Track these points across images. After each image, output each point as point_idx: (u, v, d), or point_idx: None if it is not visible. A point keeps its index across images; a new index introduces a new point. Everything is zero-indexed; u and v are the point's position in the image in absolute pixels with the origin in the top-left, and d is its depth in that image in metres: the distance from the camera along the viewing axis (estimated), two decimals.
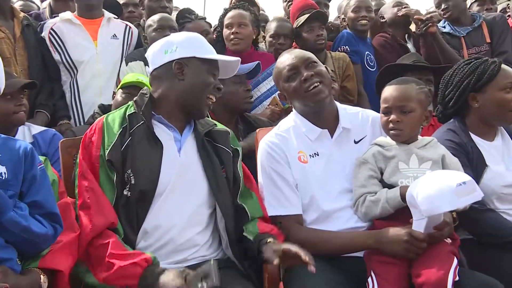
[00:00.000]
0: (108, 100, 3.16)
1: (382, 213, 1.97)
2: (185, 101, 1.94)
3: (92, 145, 1.86)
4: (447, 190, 1.77)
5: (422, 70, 2.94)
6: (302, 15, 3.53)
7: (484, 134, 2.34)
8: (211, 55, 1.99)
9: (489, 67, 2.32)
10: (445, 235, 1.90)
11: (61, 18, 3.37)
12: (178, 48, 1.94)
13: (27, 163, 1.70)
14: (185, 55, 1.94)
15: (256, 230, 1.95)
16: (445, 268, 1.80)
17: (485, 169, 2.24)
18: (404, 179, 1.98)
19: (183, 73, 1.92)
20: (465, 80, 2.35)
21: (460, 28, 3.70)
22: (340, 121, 2.16)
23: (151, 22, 3.41)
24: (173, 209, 1.88)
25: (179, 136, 1.96)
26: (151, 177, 1.84)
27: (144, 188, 1.82)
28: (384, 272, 1.88)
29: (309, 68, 2.15)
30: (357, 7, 3.78)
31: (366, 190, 2.01)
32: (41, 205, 1.69)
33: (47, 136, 2.67)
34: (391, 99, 2.07)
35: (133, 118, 1.92)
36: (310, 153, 2.14)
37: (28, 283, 1.62)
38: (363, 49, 3.73)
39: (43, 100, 3.22)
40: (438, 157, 2.03)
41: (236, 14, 3.43)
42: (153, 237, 1.86)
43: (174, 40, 1.99)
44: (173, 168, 1.88)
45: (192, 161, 1.94)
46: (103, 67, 3.34)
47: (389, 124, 2.06)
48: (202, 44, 2.02)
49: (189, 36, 2.06)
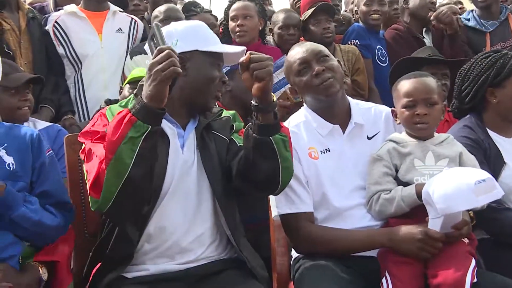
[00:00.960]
0: (113, 95, 3.13)
1: (397, 212, 1.92)
2: (189, 97, 1.83)
3: (98, 127, 1.74)
4: (465, 188, 1.72)
5: (438, 64, 2.88)
6: (311, 8, 3.47)
7: (502, 130, 2.28)
8: (214, 47, 1.86)
9: (508, 61, 2.25)
10: (463, 235, 1.86)
11: (66, 11, 3.33)
12: (178, 41, 1.79)
13: (34, 151, 1.68)
14: (187, 48, 1.79)
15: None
16: (463, 269, 1.75)
17: (503, 167, 2.18)
18: (420, 177, 1.93)
19: (186, 68, 1.77)
20: (484, 75, 2.28)
21: (487, 22, 3.62)
22: (352, 116, 2.11)
23: (157, 13, 3.37)
24: (176, 210, 1.80)
25: (182, 131, 1.87)
26: (159, 173, 1.76)
27: (154, 184, 1.74)
28: (399, 273, 1.83)
29: (320, 62, 2.08)
30: (370, 1, 3.70)
31: (380, 188, 1.96)
32: (50, 195, 1.68)
33: (52, 132, 2.64)
34: (415, 92, 2.01)
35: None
36: (321, 149, 2.09)
37: (29, 279, 1.62)
38: (375, 43, 3.67)
39: (48, 95, 3.18)
40: (455, 154, 1.98)
41: (240, 5, 3.39)
42: (158, 239, 1.79)
43: (174, 32, 1.83)
44: (176, 165, 1.81)
45: (194, 157, 1.87)
46: (108, 61, 3.30)
47: (414, 118, 2.00)
48: (204, 34, 1.87)
49: (190, 26, 1.90)
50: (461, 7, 4.75)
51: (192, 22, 1.98)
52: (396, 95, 2.09)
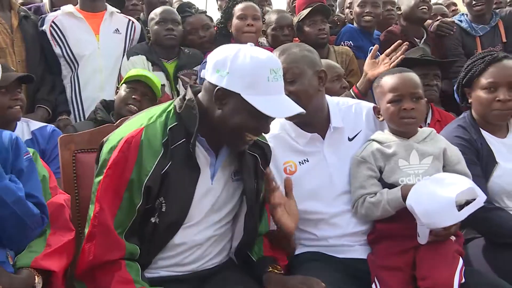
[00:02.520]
0: (109, 96, 3.14)
1: (383, 215, 1.92)
2: (220, 129, 1.71)
3: (125, 165, 1.65)
4: (446, 203, 1.73)
5: (429, 64, 2.89)
6: (306, 9, 3.48)
7: (495, 130, 2.28)
8: (259, 102, 1.63)
9: (476, 61, 2.28)
10: (452, 233, 1.87)
11: (63, 11, 3.34)
12: (228, 75, 1.62)
13: (13, 154, 1.66)
14: (231, 87, 1.63)
15: (261, 252, 1.91)
16: (451, 270, 1.77)
17: (495, 167, 2.18)
18: (405, 177, 1.93)
19: (222, 104, 1.66)
20: (462, 74, 2.34)
21: (478, 26, 3.64)
22: (331, 121, 2.06)
23: (154, 15, 3.39)
24: (199, 232, 1.80)
25: (214, 160, 1.79)
26: (183, 207, 1.73)
27: (174, 220, 1.72)
28: (388, 279, 1.85)
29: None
30: (363, 2, 3.69)
31: (365, 191, 1.96)
32: (31, 195, 1.65)
33: (46, 132, 2.64)
34: (401, 87, 1.99)
35: (175, 132, 1.70)
36: (299, 160, 2.06)
37: (22, 283, 1.59)
38: (368, 44, 3.64)
39: (44, 95, 3.19)
40: (439, 151, 1.97)
41: (250, 6, 3.39)
42: (174, 252, 1.79)
43: (230, 64, 1.63)
44: (204, 197, 1.78)
45: (224, 185, 1.83)
46: (105, 62, 3.30)
47: (401, 113, 1.97)
48: (256, 82, 1.63)
49: (248, 68, 1.62)
50: (455, 8, 4.78)
51: (255, 64, 1.64)
52: (379, 91, 2.06)
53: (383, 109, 2.04)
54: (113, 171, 1.65)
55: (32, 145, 2.54)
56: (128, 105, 2.78)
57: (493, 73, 2.21)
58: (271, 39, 3.51)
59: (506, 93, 2.18)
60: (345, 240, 2.02)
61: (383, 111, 2.04)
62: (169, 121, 1.72)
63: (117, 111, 2.85)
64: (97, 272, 1.64)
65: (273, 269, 1.84)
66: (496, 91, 2.20)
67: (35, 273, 1.62)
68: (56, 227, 1.75)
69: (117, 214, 1.65)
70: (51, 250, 1.69)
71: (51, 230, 1.75)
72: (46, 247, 1.69)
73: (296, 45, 2.13)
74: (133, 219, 1.67)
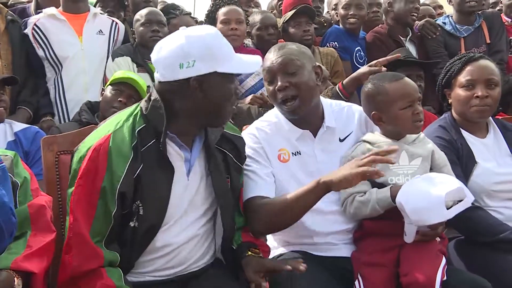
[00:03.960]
0: (93, 97, 3.12)
1: (372, 214, 1.94)
2: (206, 115, 1.74)
3: (95, 174, 1.64)
4: (435, 201, 1.76)
5: (413, 65, 2.92)
6: (292, 10, 3.50)
7: (475, 130, 2.32)
8: (233, 66, 1.71)
9: (456, 63, 2.34)
10: (438, 234, 1.90)
11: (45, 13, 3.32)
12: (196, 62, 1.64)
13: None
14: (205, 71, 1.65)
15: (240, 238, 1.91)
16: (433, 267, 1.79)
17: (474, 166, 2.22)
18: (394, 177, 1.96)
19: (203, 89, 1.67)
20: (441, 75, 2.40)
21: (462, 27, 3.69)
22: (325, 120, 2.08)
23: (139, 17, 3.38)
24: (180, 233, 1.79)
25: (189, 155, 1.80)
26: (160, 207, 1.72)
27: (153, 222, 1.72)
28: (371, 276, 1.87)
29: (285, 76, 1.97)
30: (347, 5, 3.73)
31: (354, 190, 1.97)
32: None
33: (30, 133, 2.63)
34: (413, 92, 2.01)
35: (144, 134, 1.70)
36: (292, 151, 2.07)
37: (1, 285, 1.56)
38: (353, 45, 3.70)
39: (26, 97, 3.17)
40: (427, 153, 2.00)
41: (233, 10, 3.41)
42: (157, 260, 1.78)
43: (191, 50, 1.65)
44: (181, 194, 1.77)
45: (200, 181, 1.83)
46: (89, 63, 3.28)
47: (415, 117, 1.99)
48: (221, 51, 1.70)
49: (207, 44, 1.68)
50: (440, 12, 4.83)
51: (207, 38, 1.71)
52: (384, 99, 2.01)
53: (396, 115, 2.00)
54: (84, 180, 1.65)
55: (15, 146, 2.53)
56: (113, 107, 2.77)
57: (471, 72, 2.28)
58: (256, 39, 3.53)
59: (484, 89, 2.24)
60: (330, 238, 2.03)
61: (398, 117, 2.00)
62: (137, 124, 1.72)
63: (102, 113, 2.83)
64: (79, 282, 1.64)
65: (252, 253, 1.83)
66: (474, 88, 2.26)
67: (15, 275, 1.60)
68: (37, 228, 1.73)
69: (92, 223, 1.64)
70: (32, 251, 1.67)
71: (32, 232, 1.72)
72: (26, 248, 1.67)
73: (292, 43, 2.16)
74: (110, 226, 1.66)
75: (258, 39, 3.50)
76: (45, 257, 1.70)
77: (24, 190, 1.79)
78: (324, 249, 2.03)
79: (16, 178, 1.78)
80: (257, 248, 1.88)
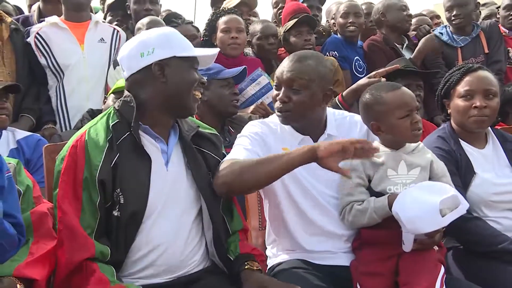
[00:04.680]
0: (95, 105, 3.15)
1: (369, 222, 1.95)
2: (171, 103, 1.84)
3: (75, 167, 1.74)
4: (430, 209, 1.77)
5: (412, 75, 2.94)
6: (292, 19, 3.52)
7: (474, 141, 2.33)
8: (191, 51, 1.88)
9: (454, 73, 2.36)
10: (436, 242, 1.90)
11: (47, 22, 3.34)
12: (155, 49, 1.81)
13: None
14: (164, 55, 1.81)
15: (238, 250, 1.92)
16: (432, 277, 1.80)
17: (473, 177, 2.22)
18: (393, 186, 1.96)
19: (165, 75, 1.81)
20: (440, 86, 2.42)
21: (459, 38, 3.72)
22: (327, 128, 2.10)
23: (140, 25, 3.39)
24: (166, 227, 1.81)
25: (166, 147, 1.88)
26: (141, 195, 1.76)
27: (135, 209, 1.75)
28: (370, 284, 1.87)
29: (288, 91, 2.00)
30: (346, 13, 3.76)
31: (353, 199, 1.98)
32: (9, 215, 1.64)
33: (32, 141, 2.63)
34: (411, 102, 2.01)
35: (118, 128, 1.81)
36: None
37: None
38: (352, 54, 3.72)
39: (29, 104, 3.19)
40: (426, 163, 2.01)
41: (233, 19, 3.42)
42: (146, 257, 1.80)
43: (149, 40, 1.84)
44: (162, 184, 1.81)
45: (180, 173, 1.88)
46: (90, 71, 3.30)
47: (414, 125, 1.98)
48: (179, 40, 1.89)
49: (164, 33, 1.90)
50: (438, 21, 4.86)
51: (164, 29, 2.00)
52: (383, 109, 2.01)
53: (395, 125, 2.00)
54: (66, 176, 1.75)
55: (17, 154, 2.54)
56: None
57: (469, 82, 2.29)
58: (257, 48, 3.56)
59: (482, 100, 2.25)
60: (328, 246, 2.03)
61: (397, 126, 2.00)
62: (111, 119, 1.84)
63: None
64: (73, 278, 1.68)
65: (250, 266, 1.86)
66: (473, 99, 2.27)
67: (17, 282, 1.61)
68: (39, 236, 1.75)
69: (80, 216, 1.71)
70: (34, 258, 1.68)
71: (34, 239, 1.74)
72: (28, 255, 1.68)
73: (316, 57, 2.09)
74: (98, 219, 1.72)
75: (259, 48, 3.53)
76: (47, 264, 1.71)
77: (27, 198, 1.81)
78: (322, 257, 2.03)
79: (19, 186, 1.80)
80: (255, 260, 1.90)
